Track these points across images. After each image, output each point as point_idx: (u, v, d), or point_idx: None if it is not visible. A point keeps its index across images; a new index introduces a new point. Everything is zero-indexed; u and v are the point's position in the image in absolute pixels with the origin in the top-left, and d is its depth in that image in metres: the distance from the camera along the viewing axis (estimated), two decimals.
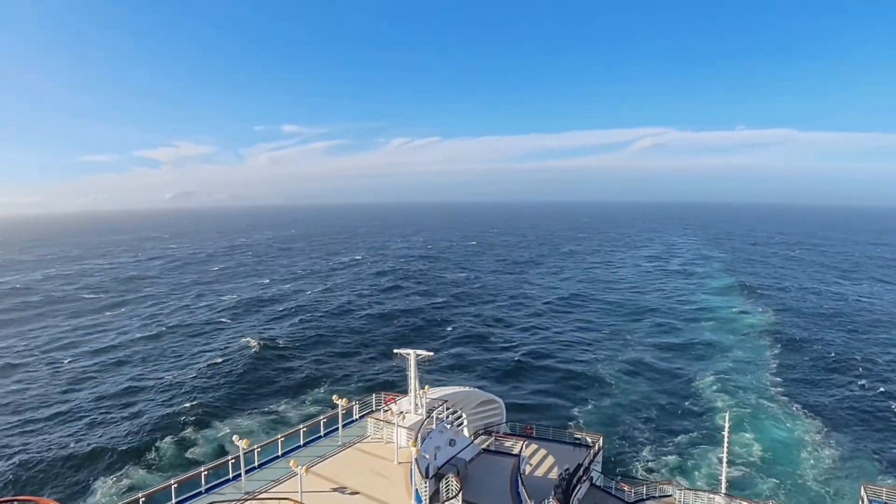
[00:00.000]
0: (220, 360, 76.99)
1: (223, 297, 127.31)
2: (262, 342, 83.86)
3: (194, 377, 70.94)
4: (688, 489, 31.70)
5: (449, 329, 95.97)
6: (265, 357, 79.40)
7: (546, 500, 26.13)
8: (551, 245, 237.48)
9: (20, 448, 52.42)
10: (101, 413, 60.36)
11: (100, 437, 54.23)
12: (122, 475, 45.95)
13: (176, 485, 24.33)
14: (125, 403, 63.00)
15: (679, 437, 51.65)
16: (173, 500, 23.75)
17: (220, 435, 49.85)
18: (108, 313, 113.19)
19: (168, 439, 51.77)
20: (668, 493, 31.45)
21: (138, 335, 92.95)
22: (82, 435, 54.99)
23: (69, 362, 78.98)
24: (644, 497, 31.19)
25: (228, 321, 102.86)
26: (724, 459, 30.24)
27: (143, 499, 23.15)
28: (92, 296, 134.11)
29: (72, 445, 52.84)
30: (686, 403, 59.16)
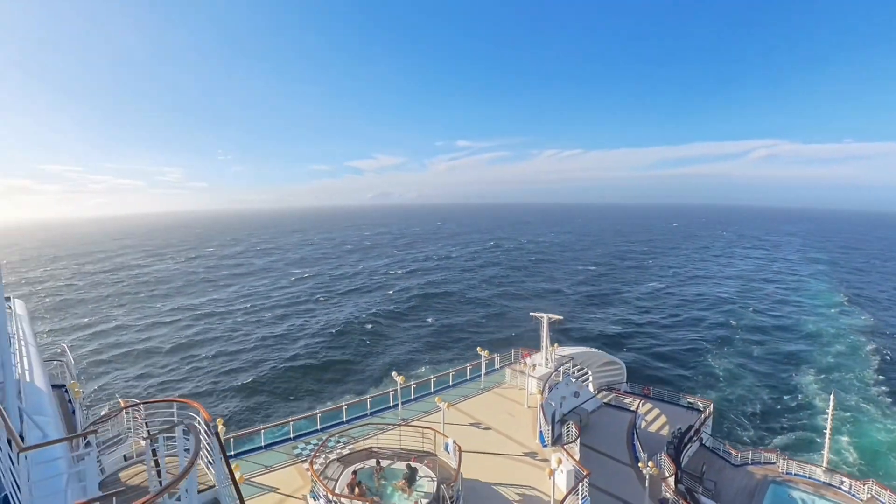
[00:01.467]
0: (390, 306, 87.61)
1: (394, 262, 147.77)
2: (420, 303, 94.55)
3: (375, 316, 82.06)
4: (790, 459, 32.24)
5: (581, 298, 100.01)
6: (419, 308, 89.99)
7: (658, 454, 28.10)
8: (672, 242, 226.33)
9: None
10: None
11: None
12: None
13: (346, 406, 30.25)
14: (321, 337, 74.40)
15: (785, 416, 51.03)
16: (345, 418, 29.59)
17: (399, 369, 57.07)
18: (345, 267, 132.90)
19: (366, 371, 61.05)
20: (773, 461, 32.13)
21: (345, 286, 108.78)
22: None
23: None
24: (749, 462, 32.19)
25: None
26: (828, 435, 30.94)
27: (320, 414, 29.31)
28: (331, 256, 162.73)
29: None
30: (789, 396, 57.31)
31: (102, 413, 11.94)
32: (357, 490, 20.57)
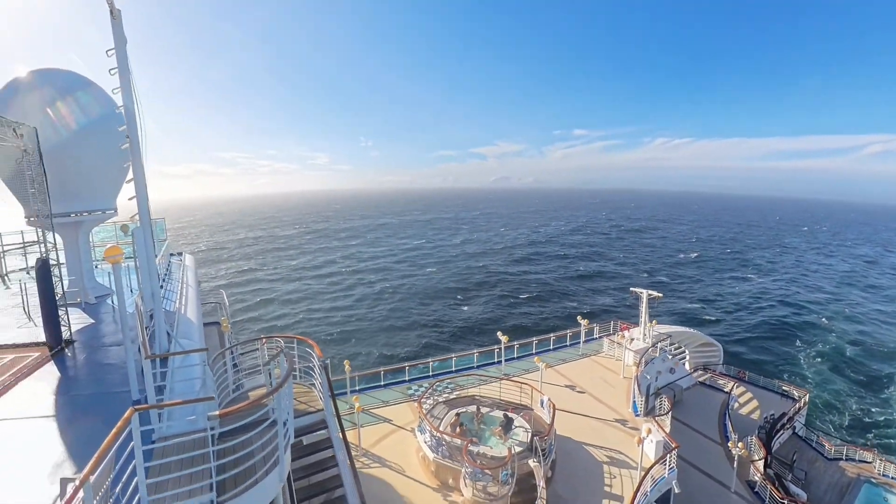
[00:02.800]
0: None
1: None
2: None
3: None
4: (888, 461, 27.62)
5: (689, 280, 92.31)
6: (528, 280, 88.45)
7: (749, 437, 25.57)
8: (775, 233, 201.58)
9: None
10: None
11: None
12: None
13: (455, 357, 30.34)
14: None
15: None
16: (453, 368, 29.73)
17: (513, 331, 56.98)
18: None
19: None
20: (869, 461, 27.85)
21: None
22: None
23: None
24: (843, 458, 28.10)
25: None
26: None
27: (432, 363, 29.77)
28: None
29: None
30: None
31: (242, 341, 12.88)
32: (458, 429, 20.98)
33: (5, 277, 23.21)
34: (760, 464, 23.35)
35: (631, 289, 35.24)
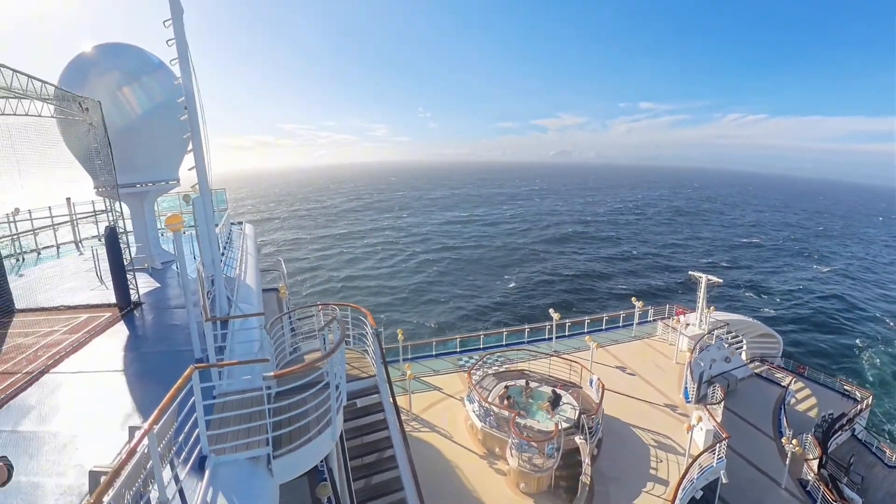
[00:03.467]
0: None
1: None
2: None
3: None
4: None
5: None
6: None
7: (804, 434, 24.28)
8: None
9: None
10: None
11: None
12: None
13: (506, 332, 30.34)
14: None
15: None
16: (503, 342, 29.80)
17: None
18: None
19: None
20: None
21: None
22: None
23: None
24: None
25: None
26: None
27: (483, 335, 29.93)
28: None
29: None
30: None
31: (297, 308, 13.36)
32: (506, 402, 21.15)
33: (79, 244, 24.75)
34: (815, 463, 22.31)
35: (689, 272, 33.91)
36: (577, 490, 17.69)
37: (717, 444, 19.28)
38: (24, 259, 22.99)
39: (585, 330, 32.04)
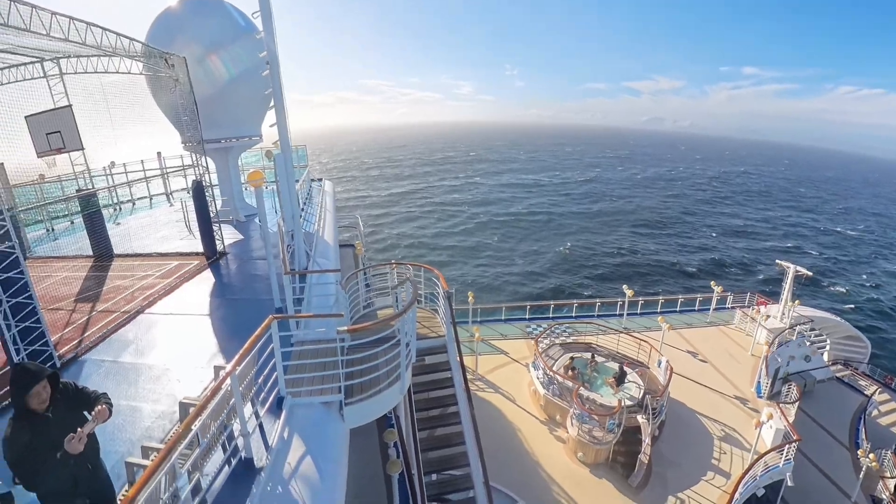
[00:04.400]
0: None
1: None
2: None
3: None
4: None
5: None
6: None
7: (884, 450, 22.26)
8: None
9: None
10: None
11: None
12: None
13: (577, 304, 30.04)
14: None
15: None
16: (574, 314, 29.56)
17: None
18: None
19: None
20: None
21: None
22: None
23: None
24: None
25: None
26: None
27: (553, 305, 29.78)
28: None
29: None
30: None
31: (374, 264, 13.79)
32: (571, 373, 21.19)
33: (169, 196, 26.45)
34: (892, 483, 20.82)
35: (777, 261, 31.80)
36: (635, 467, 17.64)
37: (787, 446, 18.45)
38: (120, 209, 24.88)
39: (658, 310, 31.04)
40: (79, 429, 4.21)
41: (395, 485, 8.67)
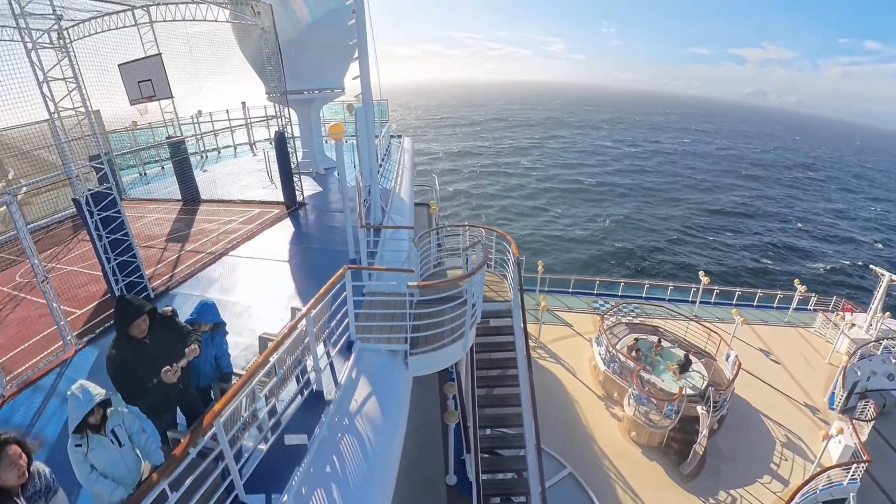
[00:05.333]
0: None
1: None
2: None
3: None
4: None
5: None
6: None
7: None
8: None
9: None
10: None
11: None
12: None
13: (648, 285, 29.41)
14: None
15: None
16: (644, 294, 28.93)
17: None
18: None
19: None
20: None
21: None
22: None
23: None
24: None
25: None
26: None
27: (623, 283, 29.33)
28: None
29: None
30: None
31: (445, 226, 14.05)
32: (633, 353, 20.98)
33: (253, 146, 27.72)
34: None
35: (872, 267, 29.50)
36: (688, 455, 17.47)
37: (855, 465, 17.58)
38: (207, 157, 26.35)
39: (734, 302, 29.80)
40: (175, 364, 4.92)
41: (450, 433, 9.23)
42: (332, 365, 7.12)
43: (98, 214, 9.39)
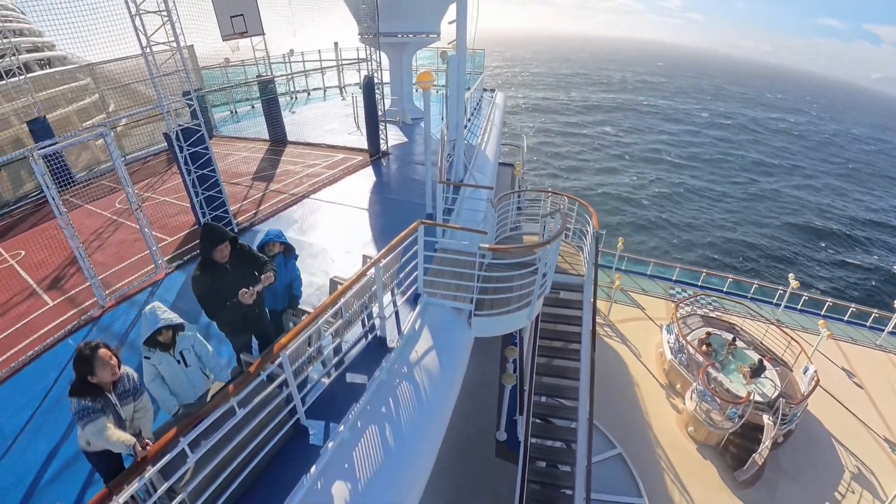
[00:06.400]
0: None
1: None
2: None
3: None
4: None
5: None
6: None
7: None
8: None
9: None
10: None
11: None
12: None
13: (731, 279, 28.03)
14: None
15: None
16: (724, 288, 27.65)
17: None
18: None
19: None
20: None
21: None
22: None
23: None
24: None
25: None
26: None
27: (704, 274, 28.16)
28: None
29: None
30: None
31: (526, 190, 13.93)
32: (704, 348, 20.31)
33: (342, 89, 28.23)
34: None
35: None
36: (745, 463, 17.00)
37: None
38: (296, 98, 27.09)
39: (822, 312, 27.99)
40: (251, 287, 5.40)
41: (506, 394, 9.46)
42: (396, 315, 7.44)
43: (187, 149, 10.00)
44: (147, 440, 3.99)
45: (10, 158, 8.81)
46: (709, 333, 21.34)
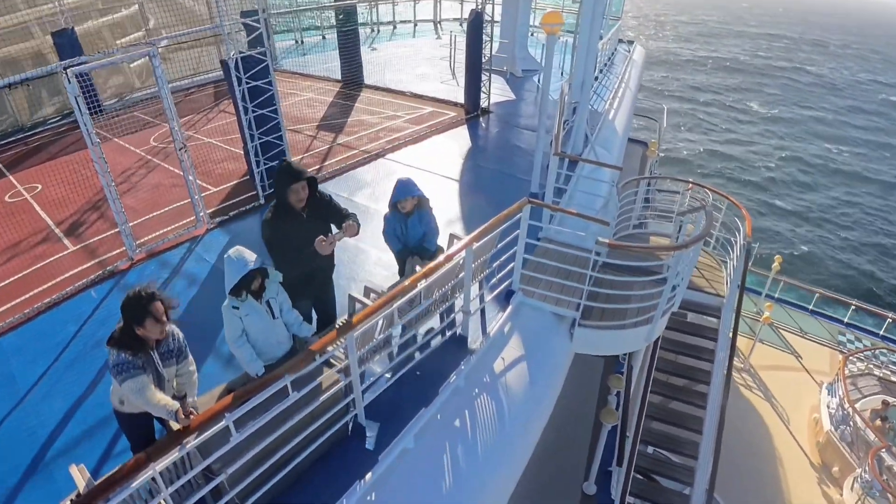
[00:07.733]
0: None
1: None
2: None
3: None
4: None
5: None
6: None
7: None
8: None
9: None
10: None
11: None
12: None
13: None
14: None
15: None
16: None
17: None
18: None
19: None
20: None
21: None
22: None
23: None
24: None
25: None
26: None
27: (891, 319, 26.63)
28: None
29: None
30: None
31: (661, 177, 13.72)
32: (878, 422, 19.30)
33: (438, 25, 28.51)
34: None
35: None
36: None
37: None
38: (378, 31, 27.61)
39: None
40: (331, 234, 5.87)
41: (602, 435, 9.47)
42: (483, 311, 7.77)
43: (247, 83, 10.36)
44: (192, 408, 4.49)
45: (38, 74, 9.47)
46: (887, 403, 20.26)
